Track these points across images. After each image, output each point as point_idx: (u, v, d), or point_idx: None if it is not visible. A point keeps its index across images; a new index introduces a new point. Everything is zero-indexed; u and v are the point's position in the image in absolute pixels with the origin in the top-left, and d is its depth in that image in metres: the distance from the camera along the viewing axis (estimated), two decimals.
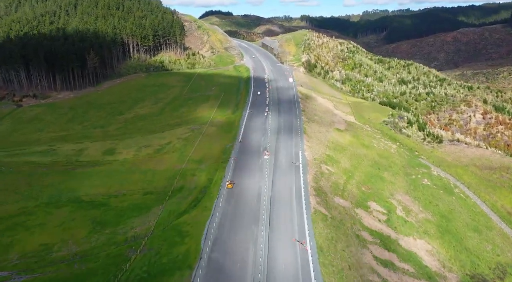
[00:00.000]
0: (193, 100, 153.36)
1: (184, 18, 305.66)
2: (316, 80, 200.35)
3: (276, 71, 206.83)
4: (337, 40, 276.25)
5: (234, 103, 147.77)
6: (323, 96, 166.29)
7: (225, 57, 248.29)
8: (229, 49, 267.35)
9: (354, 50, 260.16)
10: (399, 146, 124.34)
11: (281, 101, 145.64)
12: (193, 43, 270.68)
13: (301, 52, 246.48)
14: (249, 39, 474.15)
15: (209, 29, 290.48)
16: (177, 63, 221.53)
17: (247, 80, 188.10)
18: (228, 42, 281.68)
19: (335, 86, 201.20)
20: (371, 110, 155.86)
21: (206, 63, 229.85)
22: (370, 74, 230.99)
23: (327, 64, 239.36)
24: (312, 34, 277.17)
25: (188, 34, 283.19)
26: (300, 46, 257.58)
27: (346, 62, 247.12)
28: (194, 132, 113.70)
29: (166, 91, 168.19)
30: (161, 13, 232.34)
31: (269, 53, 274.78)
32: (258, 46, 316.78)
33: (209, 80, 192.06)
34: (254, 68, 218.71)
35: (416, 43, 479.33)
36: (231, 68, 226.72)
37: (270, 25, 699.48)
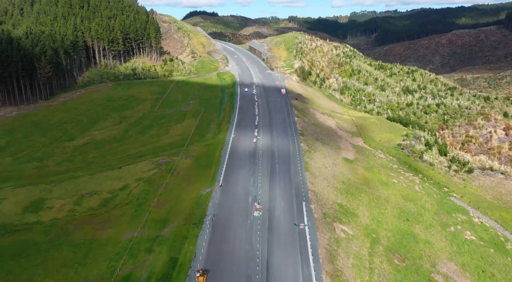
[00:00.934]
0: (166, 119, 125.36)
1: (162, 18, 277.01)
2: (311, 91, 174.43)
3: (265, 80, 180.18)
4: (331, 44, 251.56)
5: (216, 123, 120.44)
6: (322, 111, 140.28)
7: (207, 63, 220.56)
8: (213, 53, 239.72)
9: (351, 55, 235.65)
10: (423, 180, 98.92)
11: (274, 120, 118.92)
12: (172, 46, 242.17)
13: (293, 57, 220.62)
14: (235, 41, 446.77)
15: (190, 31, 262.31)
16: (152, 70, 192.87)
17: (232, 92, 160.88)
18: (212, 45, 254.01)
19: (334, 98, 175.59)
20: (380, 129, 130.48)
21: (185, 70, 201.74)
22: (371, 82, 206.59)
23: (322, 71, 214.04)
24: (304, 37, 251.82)
25: (166, 36, 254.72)
26: (292, 50, 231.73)
27: (343, 68, 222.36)
28: (161, 169, 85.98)
29: (135, 106, 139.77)
30: (133, 12, 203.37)
31: (257, 58, 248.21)
32: (245, 49, 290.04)
33: (187, 91, 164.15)
34: (240, 76, 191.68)
35: (410, 45, 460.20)
36: (214, 76, 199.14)
37: (258, 27, 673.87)
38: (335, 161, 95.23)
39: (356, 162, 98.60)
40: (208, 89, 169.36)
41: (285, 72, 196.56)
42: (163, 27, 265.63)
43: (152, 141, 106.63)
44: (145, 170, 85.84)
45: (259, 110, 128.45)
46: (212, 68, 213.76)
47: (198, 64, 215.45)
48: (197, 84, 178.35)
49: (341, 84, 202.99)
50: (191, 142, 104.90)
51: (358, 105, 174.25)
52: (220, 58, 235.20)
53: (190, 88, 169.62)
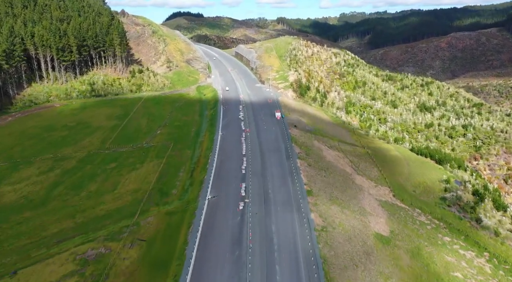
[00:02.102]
0: (118, 162, 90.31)
1: (135, 21, 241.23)
2: (312, 111, 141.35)
3: (255, 97, 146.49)
4: (330, 50, 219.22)
5: (188, 169, 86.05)
6: (330, 144, 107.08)
7: (186, 74, 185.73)
8: (193, 62, 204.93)
9: (353, 63, 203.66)
10: (493, 262, 66.48)
11: (268, 166, 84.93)
12: (144, 54, 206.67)
13: (286, 66, 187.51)
14: (221, 45, 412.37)
15: (167, 36, 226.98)
16: (116, 85, 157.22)
17: (214, 115, 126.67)
18: (192, 52, 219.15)
19: (339, 120, 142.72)
20: (409, 170, 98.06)
21: (158, 84, 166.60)
22: (379, 97, 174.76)
23: (321, 83, 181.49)
24: (299, 42, 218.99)
25: (139, 41, 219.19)
26: (285, 58, 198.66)
27: (345, 79, 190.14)
28: (85, 276, 51.38)
29: (81, 140, 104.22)
30: (93, 14, 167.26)
31: (245, 66, 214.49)
32: (231, 56, 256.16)
33: (156, 114, 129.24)
34: (224, 91, 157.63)
35: (407, 49, 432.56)
36: (193, 91, 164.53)
37: (245, 28, 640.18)
38: (364, 242, 61.85)
39: (394, 239, 65.43)
40: (183, 111, 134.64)
41: (278, 86, 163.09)
42: (135, 30, 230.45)
43: (88, 205, 71.58)
44: (56, 278, 51.00)
45: (247, 148, 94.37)
46: (191, 81, 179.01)
47: (174, 76, 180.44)
48: (170, 104, 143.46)
49: (344, 99, 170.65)
50: (146, 207, 70.29)
51: (369, 129, 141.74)
52: (201, 67, 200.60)
53: (160, 110, 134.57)
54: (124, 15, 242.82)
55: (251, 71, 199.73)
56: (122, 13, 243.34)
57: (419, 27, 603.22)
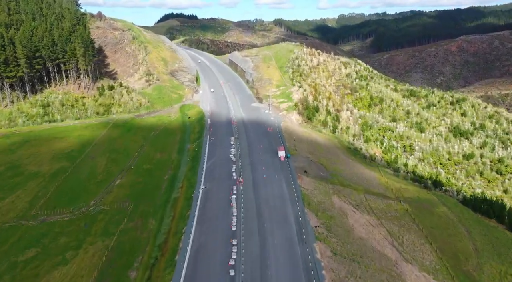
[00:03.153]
0: (40, 248, 59.52)
1: (113, 25, 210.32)
2: (323, 142, 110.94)
3: (252, 123, 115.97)
4: (338, 59, 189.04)
5: (144, 267, 55.35)
6: (355, 202, 76.61)
7: (168, 89, 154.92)
8: (178, 73, 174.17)
9: (366, 75, 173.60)
10: None
11: (271, 262, 54.16)
12: (121, 64, 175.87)
13: (289, 80, 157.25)
14: (215, 49, 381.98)
15: (149, 42, 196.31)
16: (78, 105, 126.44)
17: (197, 152, 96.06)
18: (178, 61, 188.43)
19: (358, 152, 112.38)
20: (475, 247, 67.95)
21: (133, 104, 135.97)
22: (401, 117, 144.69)
23: (329, 99, 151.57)
24: (302, 50, 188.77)
25: (116, 49, 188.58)
26: (287, 69, 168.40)
27: (358, 94, 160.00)
28: None
29: (2, 199, 73.13)
30: (52, 17, 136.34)
31: (240, 78, 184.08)
32: (225, 64, 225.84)
33: (121, 150, 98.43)
34: (213, 113, 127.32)
35: (415, 53, 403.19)
36: (175, 113, 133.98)
37: (241, 31, 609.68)
38: None
39: None
40: (158, 144, 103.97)
41: (279, 106, 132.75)
42: (113, 36, 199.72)
43: None
44: None
45: (239, 218, 63.77)
46: (174, 99, 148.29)
47: (153, 93, 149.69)
48: (144, 132, 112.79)
49: (358, 120, 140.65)
50: None
51: (395, 163, 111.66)
52: (188, 80, 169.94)
53: (128, 142, 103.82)
54: (101, 18, 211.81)
55: (246, 85, 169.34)
56: (98, 16, 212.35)
57: (423, 29, 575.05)
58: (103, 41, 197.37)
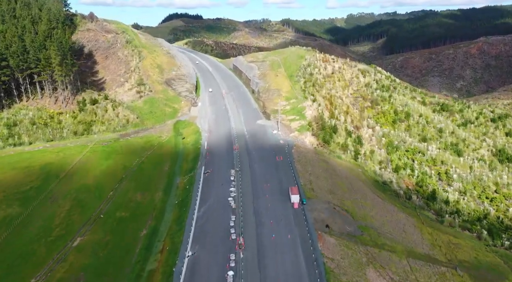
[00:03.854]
0: None
1: (106, 27, 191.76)
2: (346, 174, 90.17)
3: (257, 148, 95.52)
4: (355, 66, 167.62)
5: None
6: (398, 276, 55.91)
7: (162, 102, 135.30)
8: (175, 82, 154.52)
9: (388, 86, 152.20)
10: None
11: None
12: (111, 72, 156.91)
13: (300, 91, 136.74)
14: (219, 52, 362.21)
15: (144, 47, 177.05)
16: (53, 124, 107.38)
17: (187, 191, 76.20)
18: (176, 68, 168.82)
19: (388, 187, 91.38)
20: None
21: (119, 120, 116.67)
22: (432, 137, 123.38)
23: (347, 114, 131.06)
24: (314, 56, 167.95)
25: (107, 54, 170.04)
26: (298, 78, 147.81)
27: (380, 108, 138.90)
28: None
29: None
30: (27, 19, 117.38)
31: (245, 87, 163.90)
32: (229, 69, 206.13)
33: (92, 188, 78.76)
34: (211, 134, 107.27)
35: (431, 55, 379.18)
36: (168, 133, 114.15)
37: (247, 32, 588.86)
38: None
39: None
40: (140, 178, 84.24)
41: (290, 125, 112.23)
42: (105, 40, 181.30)
43: None
44: None
45: None
46: (168, 114, 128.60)
47: (144, 106, 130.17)
48: (126, 160, 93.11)
49: (382, 139, 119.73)
50: None
51: (434, 200, 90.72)
52: (186, 90, 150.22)
53: (104, 176, 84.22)
54: (92, 19, 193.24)
55: (251, 96, 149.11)
56: (90, 17, 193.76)
57: (438, 29, 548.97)
58: (93, 45, 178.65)
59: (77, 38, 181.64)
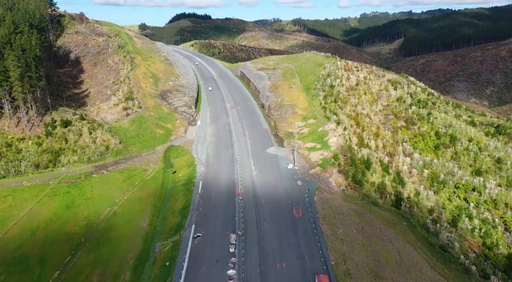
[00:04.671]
0: None
1: (98, 29, 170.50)
2: (388, 237, 65.63)
3: (267, 197, 71.27)
4: (383, 76, 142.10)
5: None
6: None
7: (152, 121, 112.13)
8: (171, 95, 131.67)
9: (426, 101, 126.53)
10: None
11: None
12: (97, 82, 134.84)
13: (319, 107, 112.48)
14: (227, 54, 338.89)
15: (139, 52, 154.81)
16: (10, 154, 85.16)
17: (167, 273, 52.58)
18: (173, 77, 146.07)
19: (450, 256, 66.53)
20: None
21: (95, 147, 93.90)
22: (489, 168, 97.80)
23: (377, 136, 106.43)
24: (335, 64, 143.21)
25: (96, 61, 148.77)
26: (316, 91, 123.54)
27: (417, 129, 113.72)
28: None
29: None
30: None
31: (253, 100, 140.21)
32: (236, 76, 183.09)
33: (26, 269, 55.83)
34: (209, 168, 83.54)
35: (456, 58, 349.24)
36: (155, 164, 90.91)
37: (257, 32, 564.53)
38: None
39: None
40: (105, 244, 61.01)
41: (309, 156, 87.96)
42: (95, 44, 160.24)
43: None
44: None
45: None
46: (159, 137, 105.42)
47: (131, 127, 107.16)
48: (91, 211, 69.99)
49: (423, 171, 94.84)
50: None
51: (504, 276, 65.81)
52: (184, 104, 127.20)
53: (53, 240, 61.24)
54: (82, 20, 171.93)
55: (261, 112, 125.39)
56: (80, 19, 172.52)
57: (460, 29, 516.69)
58: (82, 50, 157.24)
59: (63, 42, 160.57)
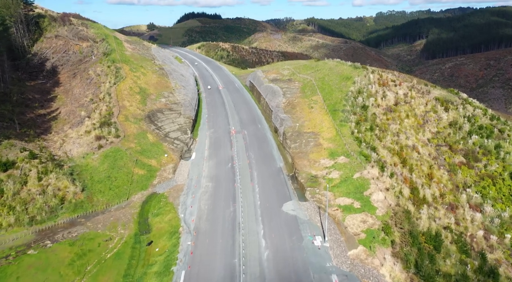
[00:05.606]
0: None
1: (83, 32, 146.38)
2: None
3: None
4: (428, 92, 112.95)
5: None
6: None
7: (131, 156, 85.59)
8: (161, 117, 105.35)
9: (491, 127, 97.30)
10: None
11: None
12: (72, 99, 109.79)
13: (351, 138, 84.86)
14: (236, 57, 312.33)
15: (127, 61, 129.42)
16: None
17: None
18: (166, 92, 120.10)
19: None
20: None
21: (44, 200, 68.06)
22: None
23: (430, 179, 78.22)
24: (367, 77, 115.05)
25: (77, 71, 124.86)
26: (346, 114, 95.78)
27: (483, 168, 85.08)
28: None
29: None
30: None
31: (264, 121, 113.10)
32: (245, 85, 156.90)
33: None
34: (199, 236, 55.32)
35: (489, 62, 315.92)
36: (123, 230, 64.39)
37: (269, 33, 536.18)
38: None
39: None
40: None
41: (345, 221, 60.49)
42: (77, 50, 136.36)
43: None
44: None
45: None
46: (138, 180, 78.96)
47: (101, 166, 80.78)
48: None
49: (504, 236, 66.47)
50: None
51: None
52: (177, 129, 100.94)
53: None
54: (64, 22, 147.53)
55: (274, 139, 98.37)
56: (62, 20, 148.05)
57: (489, 29, 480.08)
58: (61, 57, 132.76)
59: (40, 48, 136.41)
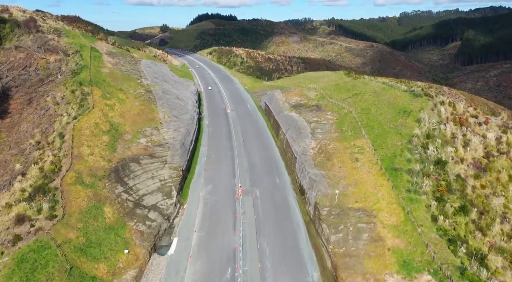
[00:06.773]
0: None
1: (53, 41, 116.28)
2: None
3: None
4: None
5: None
6: None
7: (61, 259, 52.30)
8: (134, 169, 72.17)
9: None
10: None
11: None
12: (13, 139, 77.89)
13: (432, 228, 49.57)
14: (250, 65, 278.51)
15: (101, 82, 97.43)
16: None
17: None
18: (150, 128, 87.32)
19: None
20: None
21: None
22: None
23: None
24: (434, 109, 79.44)
25: (33, 96, 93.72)
26: (415, 177, 60.47)
27: None
28: None
29: None
30: None
31: (283, 170, 78.63)
32: (258, 106, 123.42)
33: None
34: None
35: None
36: None
37: (287, 36, 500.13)
38: None
39: None
40: None
41: None
42: (41, 66, 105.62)
43: None
44: None
45: None
46: None
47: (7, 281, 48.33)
48: None
49: None
50: None
51: None
52: (155, 191, 67.74)
53: None
54: (30, 30, 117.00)
55: (299, 211, 64.16)
56: (27, 26, 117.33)
57: None
58: (17, 76, 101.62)
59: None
